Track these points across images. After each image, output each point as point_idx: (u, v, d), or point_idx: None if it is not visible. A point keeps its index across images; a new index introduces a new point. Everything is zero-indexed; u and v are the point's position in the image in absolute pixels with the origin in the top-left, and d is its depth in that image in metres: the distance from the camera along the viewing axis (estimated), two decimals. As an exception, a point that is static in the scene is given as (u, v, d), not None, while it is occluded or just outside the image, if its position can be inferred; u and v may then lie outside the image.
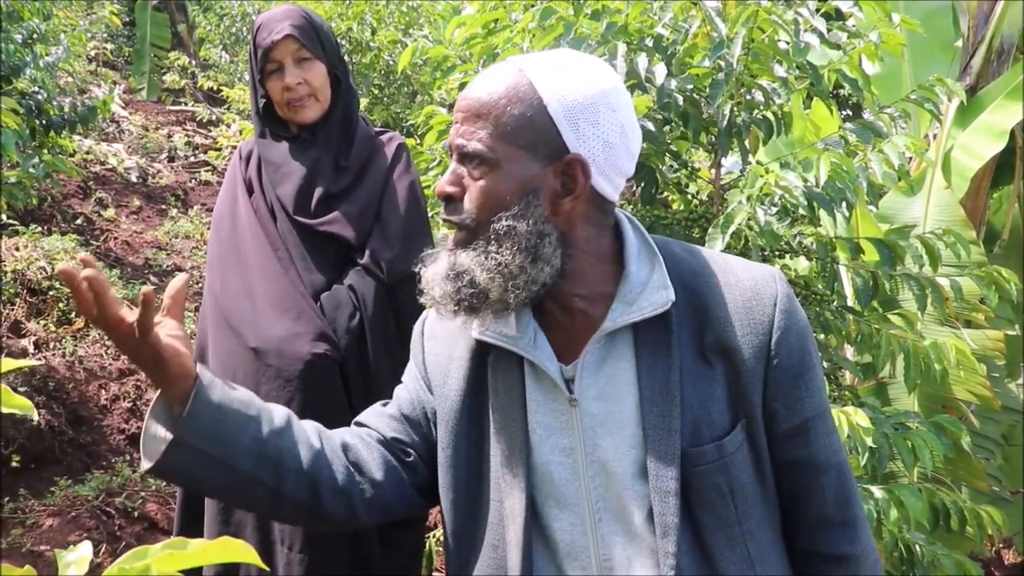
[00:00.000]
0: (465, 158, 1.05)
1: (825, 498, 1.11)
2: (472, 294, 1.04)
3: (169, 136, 7.57)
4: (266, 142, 1.93)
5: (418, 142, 2.53)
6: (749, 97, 2.08)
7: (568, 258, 1.06)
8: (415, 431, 1.21)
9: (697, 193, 2.43)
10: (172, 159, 7.15)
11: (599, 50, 2.07)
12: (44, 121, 4.35)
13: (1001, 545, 3.80)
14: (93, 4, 9.01)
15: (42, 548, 2.84)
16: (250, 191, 1.94)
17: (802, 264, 2.43)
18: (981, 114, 3.32)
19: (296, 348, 1.75)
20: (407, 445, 1.20)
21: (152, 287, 0.98)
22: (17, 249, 4.24)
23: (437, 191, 1.07)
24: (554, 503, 1.09)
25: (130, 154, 6.77)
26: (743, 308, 1.07)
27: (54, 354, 3.75)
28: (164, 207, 6.08)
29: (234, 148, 5.83)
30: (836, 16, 2.22)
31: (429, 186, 2.33)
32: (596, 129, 1.03)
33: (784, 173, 1.90)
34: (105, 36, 9.33)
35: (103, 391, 3.71)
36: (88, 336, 3.98)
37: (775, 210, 1.95)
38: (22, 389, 3.33)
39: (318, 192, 1.87)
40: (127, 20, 10.13)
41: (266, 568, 0.91)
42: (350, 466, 1.15)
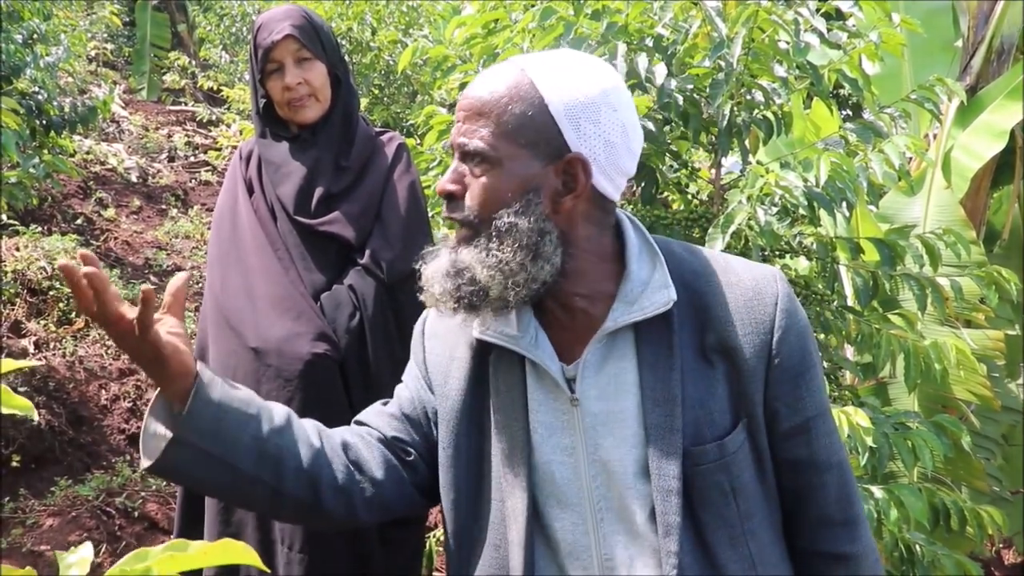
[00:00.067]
0: (467, 156, 1.05)
1: (826, 497, 1.11)
2: (472, 291, 1.04)
3: (169, 136, 7.56)
4: (266, 142, 1.93)
5: (418, 142, 2.52)
6: (749, 97, 2.08)
7: (569, 257, 1.06)
8: (416, 430, 1.20)
9: (697, 193, 2.43)
10: (172, 159, 7.14)
11: (599, 50, 2.07)
12: (44, 121, 4.35)
13: (1001, 545, 3.80)
14: (93, 4, 9.00)
15: (42, 548, 2.84)
16: (250, 191, 1.93)
17: (802, 264, 2.43)
18: (981, 114, 3.32)
19: (296, 348, 1.75)
20: (407, 444, 1.20)
21: (152, 287, 0.97)
22: (17, 249, 4.24)
23: (439, 189, 1.07)
24: (556, 503, 1.09)
25: (130, 154, 6.76)
26: (744, 308, 1.07)
27: (54, 354, 3.75)
28: (164, 207, 6.08)
29: (234, 148, 5.84)
30: (836, 16, 2.22)
31: (429, 186, 2.33)
32: (597, 128, 1.03)
33: (784, 173, 1.90)
34: (105, 36, 9.33)
35: (103, 391, 3.71)
36: (88, 336, 3.98)
37: (775, 210, 1.95)
38: (22, 389, 3.33)
39: (318, 192, 1.87)
40: (127, 20, 10.13)
41: (267, 569, 0.91)
42: (350, 465, 1.15)
